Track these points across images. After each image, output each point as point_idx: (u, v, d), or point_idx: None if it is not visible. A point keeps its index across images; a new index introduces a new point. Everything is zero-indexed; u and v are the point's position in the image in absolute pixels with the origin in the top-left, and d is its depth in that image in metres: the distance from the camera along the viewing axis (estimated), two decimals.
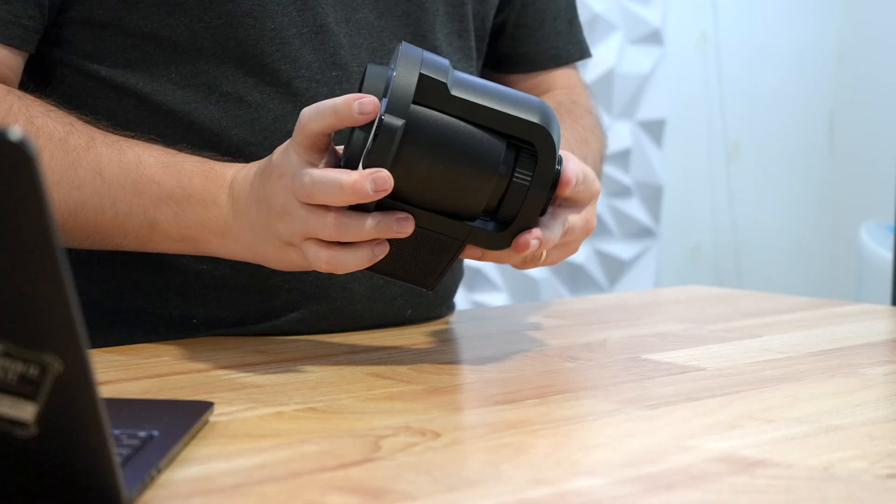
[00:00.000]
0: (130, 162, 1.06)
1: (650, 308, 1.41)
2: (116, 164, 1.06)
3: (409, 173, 0.95)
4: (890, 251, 2.96)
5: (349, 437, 0.81)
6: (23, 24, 1.10)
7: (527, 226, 0.98)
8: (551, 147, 0.96)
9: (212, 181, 1.04)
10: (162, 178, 1.05)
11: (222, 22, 1.11)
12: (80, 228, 1.07)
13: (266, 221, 0.99)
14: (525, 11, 1.30)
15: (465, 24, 1.22)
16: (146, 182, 1.05)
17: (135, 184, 1.05)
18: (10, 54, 1.11)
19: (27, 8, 1.10)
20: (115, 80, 1.13)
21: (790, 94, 3.53)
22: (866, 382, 1.00)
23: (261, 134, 1.13)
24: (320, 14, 1.13)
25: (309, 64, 1.13)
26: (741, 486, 0.71)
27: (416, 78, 0.94)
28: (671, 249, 3.32)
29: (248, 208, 1.01)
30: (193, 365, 1.02)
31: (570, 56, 1.34)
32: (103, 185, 1.06)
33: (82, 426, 0.62)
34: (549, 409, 0.91)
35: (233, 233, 1.03)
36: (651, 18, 3.03)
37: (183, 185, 1.05)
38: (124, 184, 1.05)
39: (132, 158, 1.06)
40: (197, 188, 1.04)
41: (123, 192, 1.06)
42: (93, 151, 1.06)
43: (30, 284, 0.59)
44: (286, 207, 0.97)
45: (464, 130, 0.95)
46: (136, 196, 1.06)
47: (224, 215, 1.03)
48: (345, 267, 0.97)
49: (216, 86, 1.12)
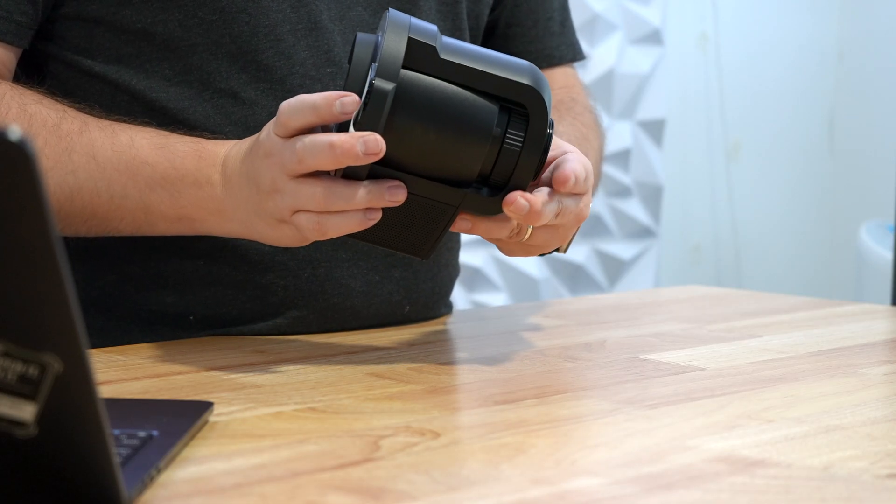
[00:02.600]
0: (123, 144, 1.06)
1: (650, 308, 1.41)
2: (109, 147, 1.06)
3: (401, 139, 0.93)
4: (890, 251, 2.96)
5: (348, 437, 0.81)
6: (15, 19, 1.10)
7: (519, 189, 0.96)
8: (543, 109, 0.94)
9: (204, 160, 1.04)
10: (155, 159, 1.05)
11: (216, 18, 1.11)
12: (77, 213, 1.07)
13: (257, 200, 0.98)
14: (517, 11, 1.30)
15: (458, 23, 1.23)
16: (139, 164, 1.05)
17: (128, 166, 1.05)
18: (2, 50, 1.11)
19: (19, 4, 1.10)
20: (109, 76, 1.13)
21: (790, 93, 3.53)
22: (866, 382, 1.00)
23: (254, 131, 1.12)
24: (314, 11, 1.14)
25: (303, 61, 1.13)
26: (741, 486, 0.72)
27: (405, 42, 0.93)
28: (671, 249, 3.33)
29: (240, 187, 1.01)
30: (193, 365, 1.02)
31: (563, 57, 1.34)
32: (97, 169, 1.06)
33: (82, 426, 0.62)
34: (549, 408, 0.91)
35: (227, 211, 1.03)
36: (651, 18, 3.03)
37: (176, 165, 1.04)
38: (118, 167, 1.05)
39: (125, 141, 1.06)
40: (190, 168, 1.04)
41: (118, 175, 1.05)
42: (86, 136, 1.06)
43: (30, 284, 0.59)
44: (275, 185, 0.96)
45: (455, 94, 0.94)
46: (131, 179, 1.05)
47: (218, 194, 1.03)
48: (337, 229, 0.95)
49: (210, 82, 1.12)
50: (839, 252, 3.58)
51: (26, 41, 1.12)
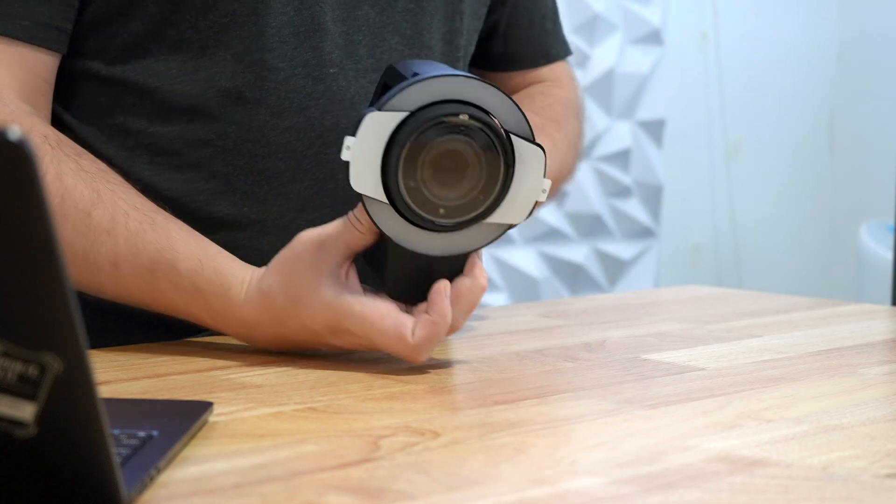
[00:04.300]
0: (143, 268, 1.05)
1: (650, 308, 1.41)
2: (130, 264, 1.05)
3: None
4: (890, 251, 2.96)
5: (348, 437, 0.81)
6: (60, 26, 1.10)
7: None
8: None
9: (221, 320, 1.05)
10: (172, 294, 1.05)
11: (227, 21, 1.11)
12: (100, 294, 1.08)
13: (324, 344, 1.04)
14: (515, 12, 1.33)
15: (455, 24, 1.23)
16: (158, 292, 1.05)
17: (149, 289, 1.05)
18: (49, 59, 1.11)
19: (65, 10, 1.10)
20: (115, 78, 1.13)
21: (790, 93, 3.53)
22: (865, 382, 1.00)
23: (258, 130, 1.13)
24: (318, 13, 1.14)
25: (306, 62, 1.14)
26: (740, 486, 0.72)
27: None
28: (671, 249, 3.33)
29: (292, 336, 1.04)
30: (193, 365, 1.03)
31: (557, 54, 1.37)
32: (119, 279, 1.06)
33: (82, 426, 0.62)
34: (549, 408, 0.91)
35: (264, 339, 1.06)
36: (651, 18, 3.03)
37: (187, 310, 1.05)
38: (139, 285, 1.06)
39: (145, 266, 1.05)
40: (207, 321, 1.06)
41: (139, 292, 1.06)
42: (112, 241, 1.05)
43: (29, 284, 0.59)
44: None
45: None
46: (150, 296, 1.06)
47: (255, 337, 1.06)
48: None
49: (216, 82, 1.12)
50: (839, 252, 3.58)
51: (66, 48, 1.12)
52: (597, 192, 3.00)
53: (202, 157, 1.14)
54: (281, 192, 1.14)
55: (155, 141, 1.13)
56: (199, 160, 1.14)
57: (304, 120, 1.14)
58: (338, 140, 1.01)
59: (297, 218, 1.15)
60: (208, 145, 1.13)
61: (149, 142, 1.14)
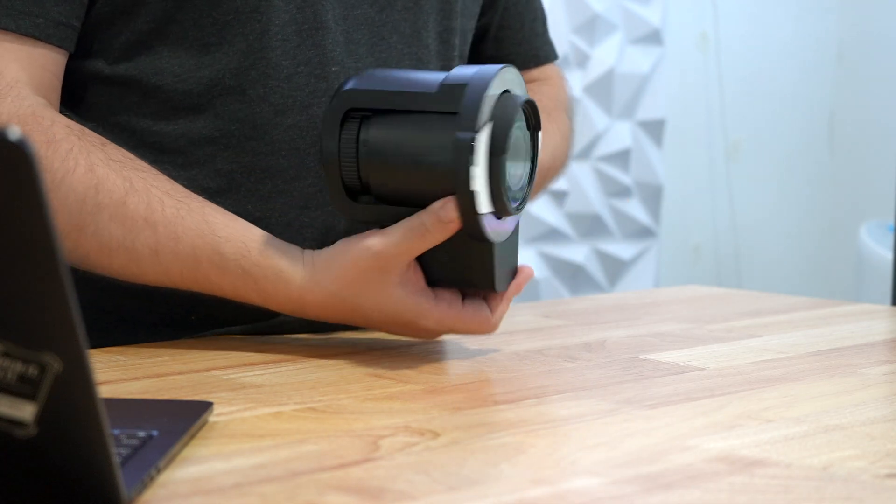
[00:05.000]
0: (185, 255, 1.05)
1: (650, 308, 1.41)
2: (171, 251, 1.05)
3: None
4: (890, 251, 2.96)
5: (348, 437, 0.81)
6: (72, 24, 1.10)
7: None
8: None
9: (268, 297, 1.05)
10: (218, 277, 1.05)
11: (230, 18, 1.11)
12: (146, 282, 1.08)
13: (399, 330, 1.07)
14: (507, 14, 1.34)
15: (451, 23, 1.24)
16: (203, 278, 1.06)
17: (193, 276, 1.06)
18: (60, 58, 1.11)
19: (75, 9, 1.10)
20: (118, 76, 1.13)
21: (790, 93, 3.53)
22: (865, 382, 1.00)
23: (261, 128, 1.13)
24: (320, 11, 1.14)
25: (308, 60, 1.14)
26: (740, 486, 0.72)
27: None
28: (671, 249, 3.33)
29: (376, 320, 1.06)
30: (193, 365, 1.03)
31: (546, 56, 1.39)
32: (160, 267, 1.06)
33: (82, 426, 0.62)
34: (548, 408, 0.91)
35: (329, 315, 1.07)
36: (651, 18, 3.03)
37: (238, 292, 1.06)
38: (182, 273, 1.06)
39: (187, 252, 1.05)
40: (254, 299, 1.06)
41: (182, 280, 1.06)
42: (150, 229, 1.05)
43: (29, 284, 0.59)
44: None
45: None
46: (196, 284, 1.06)
47: (301, 312, 1.07)
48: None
49: (219, 80, 1.12)
50: (839, 252, 3.58)
51: (74, 46, 1.12)
52: (597, 192, 3.00)
53: (206, 154, 1.14)
54: (284, 189, 1.15)
55: (158, 139, 1.14)
56: (203, 158, 1.14)
57: (307, 118, 1.14)
58: None
59: (300, 215, 1.15)
60: (212, 143, 1.13)
61: (152, 140, 1.14)
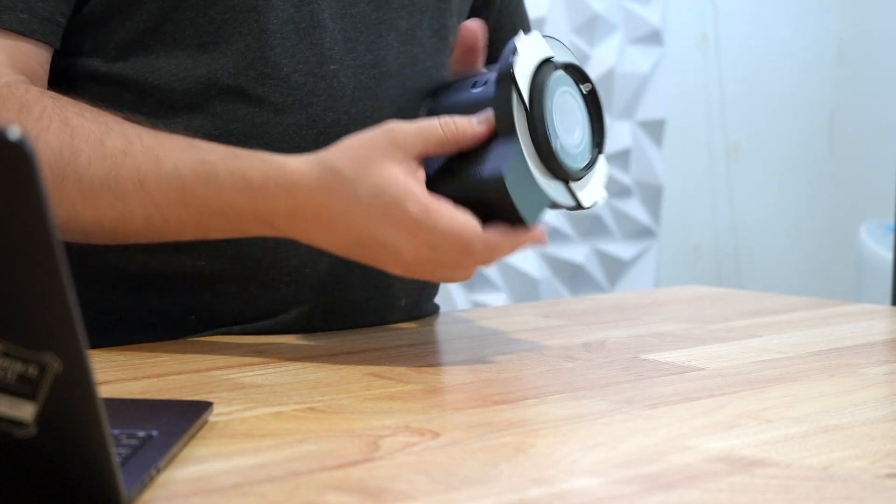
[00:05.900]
0: (168, 174, 1.02)
1: (649, 308, 1.41)
2: (154, 175, 1.02)
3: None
4: (890, 251, 2.96)
5: (348, 437, 0.81)
6: (58, 20, 1.10)
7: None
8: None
9: (257, 199, 1.00)
10: (204, 193, 1.01)
11: (227, 17, 1.11)
12: (134, 233, 1.05)
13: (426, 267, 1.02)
14: (501, 17, 1.35)
15: (446, 20, 1.24)
16: (189, 196, 1.02)
17: (180, 197, 1.02)
18: (45, 53, 1.11)
19: (60, 5, 1.10)
20: (114, 75, 1.13)
21: (790, 94, 3.53)
22: (865, 382, 1.00)
23: (260, 127, 1.13)
24: (316, 10, 1.14)
25: (307, 59, 1.14)
26: (740, 486, 0.72)
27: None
28: (671, 249, 3.33)
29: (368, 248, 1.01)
30: (193, 365, 1.03)
31: None
32: (147, 197, 1.02)
33: (81, 426, 0.62)
34: (548, 408, 0.91)
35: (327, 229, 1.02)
36: (651, 18, 3.03)
37: (227, 203, 1.01)
38: (168, 196, 1.02)
39: (169, 170, 1.02)
40: (245, 207, 1.01)
41: (170, 206, 1.02)
42: (130, 159, 1.02)
43: (29, 284, 0.59)
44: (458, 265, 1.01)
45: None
46: (184, 208, 1.02)
47: (297, 224, 1.01)
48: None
49: (217, 79, 1.12)
50: (839, 252, 3.58)
51: (59, 42, 1.12)
52: None
53: None
54: None
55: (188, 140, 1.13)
56: None
57: (306, 117, 1.14)
58: (339, 136, 1.02)
59: None
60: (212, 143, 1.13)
61: None
